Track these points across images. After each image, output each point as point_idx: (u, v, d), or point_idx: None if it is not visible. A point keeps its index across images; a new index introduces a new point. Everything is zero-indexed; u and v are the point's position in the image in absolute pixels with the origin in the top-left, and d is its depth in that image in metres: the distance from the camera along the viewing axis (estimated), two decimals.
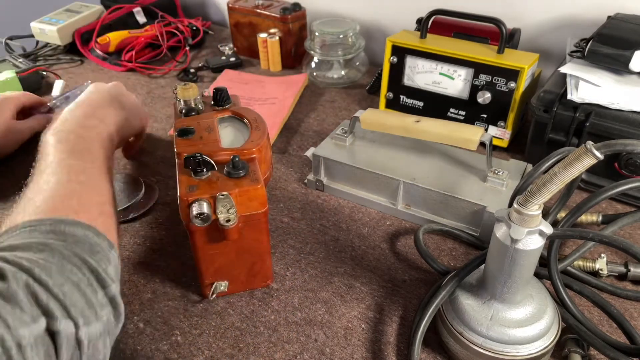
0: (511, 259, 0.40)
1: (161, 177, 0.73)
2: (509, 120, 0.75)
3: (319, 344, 0.49)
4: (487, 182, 0.61)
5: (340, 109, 0.91)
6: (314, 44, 0.96)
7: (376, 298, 0.54)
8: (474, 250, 0.60)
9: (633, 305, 0.52)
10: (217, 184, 0.47)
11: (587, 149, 0.33)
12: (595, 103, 0.63)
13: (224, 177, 0.48)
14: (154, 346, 0.49)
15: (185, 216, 0.46)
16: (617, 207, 0.65)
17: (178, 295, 0.54)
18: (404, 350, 0.48)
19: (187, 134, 0.53)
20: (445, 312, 0.47)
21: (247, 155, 0.51)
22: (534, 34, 0.89)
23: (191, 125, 0.55)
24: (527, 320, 0.43)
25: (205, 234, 0.47)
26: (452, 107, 0.79)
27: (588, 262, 0.55)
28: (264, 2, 1.05)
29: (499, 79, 0.73)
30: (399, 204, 0.64)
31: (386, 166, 0.64)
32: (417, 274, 0.57)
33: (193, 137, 0.53)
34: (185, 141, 0.52)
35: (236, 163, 0.48)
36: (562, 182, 0.35)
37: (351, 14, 1.08)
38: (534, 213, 0.37)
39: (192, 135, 0.53)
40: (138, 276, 0.57)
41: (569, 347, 0.46)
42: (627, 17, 0.69)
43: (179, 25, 1.13)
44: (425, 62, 0.78)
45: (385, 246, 0.61)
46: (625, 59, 0.62)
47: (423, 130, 0.61)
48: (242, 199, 0.46)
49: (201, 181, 0.47)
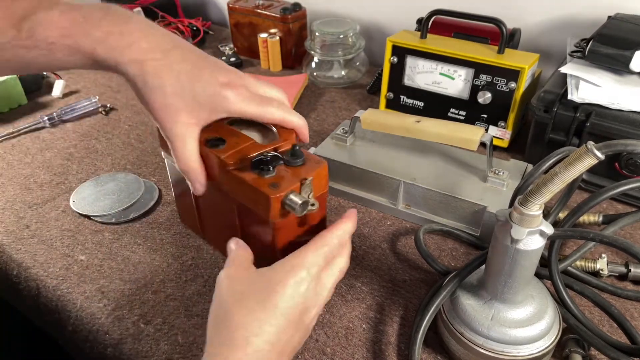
0: (512, 259, 0.40)
1: (161, 177, 0.73)
2: (510, 121, 0.75)
3: (320, 344, 0.49)
4: (488, 182, 0.61)
5: (340, 109, 0.91)
6: (314, 44, 0.96)
7: (377, 298, 0.54)
8: (474, 251, 0.60)
9: (634, 306, 0.52)
10: (290, 174, 0.46)
11: (587, 149, 0.33)
12: (596, 103, 0.63)
13: (289, 168, 0.46)
14: (155, 346, 0.49)
15: (276, 214, 0.44)
16: (617, 207, 0.65)
17: (179, 295, 0.54)
18: (404, 350, 0.48)
19: (219, 144, 0.49)
20: (446, 312, 0.47)
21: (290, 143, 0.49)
22: (534, 34, 0.89)
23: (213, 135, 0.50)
24: (528, 321, 0.43)
25: (286, 227, 0.46)
26: (453, 107, 0.79)
27: (589, 262, 0.55)
28: (264, 2, 1.05)
29: (500, 79, 0.73)
30: (399, 204, 0.64)
31: (386, 166, 0.64)
32: (418, 274, 0.57)
33: (227, 144, 0.49)
34: (223, 150, 0.48)
35: (296, 152, 0.47)
36: (563, 182, 0.35)
37: (351, 14, 1.08)
38: (535, 213, 0.37)
39: (224, 144, 0.49)
40: (139, 276, 0.57)
41: (570, 347, 0.46)
42: (627, 17, 0.69)
43: (179, 26, 1.13)
44: (425, 62, 0.78)
45: (385, 246, 0.61)
46: (625, 59, 0.62)
47: (423, 131, 0.61)
48: (315, 181, 0.46)
49: (273, 177, 0.45)
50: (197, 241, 0.61)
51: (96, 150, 0.80)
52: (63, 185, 0.72)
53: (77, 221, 0.65)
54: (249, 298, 0.39)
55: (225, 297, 0.40)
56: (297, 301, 0.39)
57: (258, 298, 0.38)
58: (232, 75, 0.46)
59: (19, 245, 0.61)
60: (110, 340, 0.50)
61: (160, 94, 0.43)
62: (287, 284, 0.39)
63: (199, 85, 0.43)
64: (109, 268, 0.58)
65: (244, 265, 0.42)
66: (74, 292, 0.55)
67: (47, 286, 0.56)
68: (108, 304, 0.53)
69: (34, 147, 0.81)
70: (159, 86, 0.43)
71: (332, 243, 0.42)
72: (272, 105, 0.48)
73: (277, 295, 0.38)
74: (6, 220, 0.65)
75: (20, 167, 0.76)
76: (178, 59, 0.43)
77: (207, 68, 0.45)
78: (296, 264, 0.40)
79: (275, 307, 0.38)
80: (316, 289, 0.41)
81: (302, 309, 0.39)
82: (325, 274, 0.42)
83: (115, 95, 0.96)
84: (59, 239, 0.62)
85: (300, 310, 0.39)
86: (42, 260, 0.59)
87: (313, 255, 0.41)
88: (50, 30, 0.41)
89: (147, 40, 0.43)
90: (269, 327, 0.37)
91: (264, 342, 0.37)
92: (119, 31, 0.42)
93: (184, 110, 0.44)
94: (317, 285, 0.41)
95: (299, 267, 0.40)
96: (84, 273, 0.57)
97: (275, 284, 0.39)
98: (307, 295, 0.40)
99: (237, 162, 0.46)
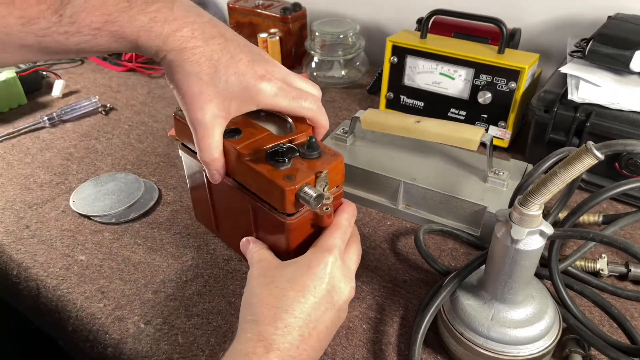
0: (512, 259, 0.40)
1: (161, 177, 0.73)
2: (510, 121, 0.75)
3: None
4: (488, 182, 0.61)
5: (340, 109, 0.91)
6: (314, 44, 0.96)
7: (377, 298, 0.54)
8: (474, 251, 0.60)
9: (634, 306, 0.52)
10: (305, 167, 0.45)
11: (587, 149, 0.33)
12: (596, 103, 0.63)
13: (304, 160, 0.46)
14: (155, 346, 0.49)
15: (291, 206, 0.44)
16: (617, 207, 0.65)
17: (179, 295, 0.54)
18: (404, 350, 0.48)
19: (234, 135, 0.49)
20: (446, 312, 0.47)
21: (306, 135, 0.49)
22: (534, 34, 0.89)
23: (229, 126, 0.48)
24: (528, 321, 0.43)
25: (299, 229, 0.46)
26: (453, 107, 0.79)
27: (589, 262, 0.55)
28: (264, 2, 1.05)
29: (500, 79, 0.73)
30: (399, 204, 0.64)
31: (386, 166, 0.64)
32: (418, 274, 0.57)
33: (243, 135, 0.48)
34: (238, 141, 0.48)
35: (312, 144, 0.46)
36: (563, 182, 0.35)
37: (351, 14, 1.08)
38: (535, 213, 0.37)
39: (240, 134, 0.49)
40: (139, 276, 0.57)
41: (570, 347, 0.46)
42: (627, 17, 0.69)
43: None
44: (425, 62, 0.78)
45: (385, 246, 0.61)
46: (625, 59, 0.62)
47: (423, 131, 0.61)
48: (331, 175, 0.46)
49: (288, 169, 0.45)
50: (197, 241, 0.61)
51: (96, 150, 0.80)
52: (63, 185, 0.72)
53: (77, 221, 0.65)
54: (279, 280, 0.41)
55: (255, 285, 0.42)
56: (325, 280, 0.41)
57: (288, 278, 0.41)
58: (269, 67, 0.46)
59: (18, 245, 0.61)
60: (110, 341, 0.50)
61: (195, 80, 0.42)
62: (315, 265, 0.42)
63: (234, 76, 0.43)
64: (109, 268, 0.58)
65: (271, 258, 0.45)
66: (74, 292, 0.55)
67: (47, 286, 0.56)
68: (108, 304, 0.53)
69: (34, 147, 0.81)
70: (195, 73, 0.42)
71: (344, 225, 0.45)
72: (307, 99, 0.47)
73: (305, 276, 0.41)
74: (6, 220, 0.65)
75: (20, 167, 0.76)
76: (218, 48, 0.43)
77: (245, 59, 0.44)
78: (321, 248, 0.43)
79: (305, 286, 0.40)
80: (342, 270, 0.43)
81: (330, 288, 0.42)
82: (346, 257, 0.45)
83: (115, 95, 0.96)
84: (58, 239, 0.62)
85: (328, 289, 0.41)
86: (42, 261, 0.59)
87: (333, 238, 0.44)
88: (95, 16, 0.39)
89: (190, 27, 0.42)
90: (298, 304, 0.39)
91: (295, 318, 0.39)
92: (163, 18, 0.41)
93: (215, 101, 0.43)
94: (342, 266, 0.43)
95: (324, 250, 0.43)
96: (84, 273, 0.57)
97: (303, 266, 0.42)
98: (334, 275, 0.42)
99: (252, 153, 0.46)
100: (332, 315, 0.42)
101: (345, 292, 0.43)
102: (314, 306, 0.40)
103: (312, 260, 0.42)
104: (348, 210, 0.47)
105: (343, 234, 0.45)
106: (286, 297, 0.40)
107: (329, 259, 0.42)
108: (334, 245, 0.43)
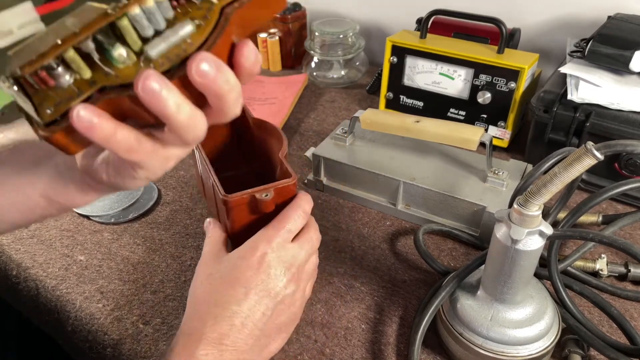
0: (511, 259, 0.40)
1: (161, 177, 0.73)
2: (509, 121, 0.75)
3: (319, 344, 0.49)
4: (487, 182, 0.61)
5: (340, 109, 0.91)
6: (314, 44, 0.96)
7: (376, 298, 0.54)
8: (474, 251, 0.60)
9: (633, 306, 0.52)
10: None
11: (587, 150, 0.33)
12: (596, 103, 0.63)
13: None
14: (154, 346, 0.49)
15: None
16: (617, 208, 0.65)
17: (178, 296, 0.54)
18: (404, 350, 0.48)
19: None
20: (445, 312, 0.47)
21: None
22: (534, 34, 0.89)
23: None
24: (527, 321, 0.43)
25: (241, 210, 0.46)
26: (452, 107, 0.79)
27: (588, 262, 0.55)
28: None
29: (499, 79, 0.73)
30: (399, 204, 0.64)
31: (386, 166, 0.64)
32: (417, 274, 0.57)
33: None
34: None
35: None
36: (562, 183, 0.35)
37: (351, 14, 1.08)
38: (534, 213, 0.37)
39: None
40: (138, 276, 0.57)
41: (569, 347, 0.46)
42: (627, 17, 0.69)
43: None
44: (425, 62, 0.78)
45: (385, 246, 0.61)
46: (625, 59, 0.62)
47: (423, 131, 0.61)
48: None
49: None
50: (196, 241, 0.61)
51: None
52: None
53: (76, 221, 0.65)
54: (214, 274, 0.43)
55: (196, 277, 0.44)
56: (260, 270, 0.42)
57: (222, 272, 0.42)
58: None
59: (18, 245, 0.61)
60: (110, 341, 0.50)
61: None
62: (249, 256, 0.42)
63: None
64: (108, 268, 0.58)
65: (217, 247, 0.46)
66: (73, 292, 0.55)
67: (47, 286, 0.56)
68: (107, 304, 0.53)
69: None
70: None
71: (291, 215, 0.45)
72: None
73: (236, 269, 0.42)
74: None
75: None
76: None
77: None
78: (256, 240, 0.43)
79: (236, 278, 0.41)
80: (281, 258, 0.43)
81: (265, 277, 0.42)
82: (291, 246, 0.44)
83: None
84: (58, 239, 0.62)
85: (262, 278, 0.42)
86: (41, 261, 0.59)
87: (272, 229, 0.44)
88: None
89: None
90: (228, 296, 0.41)
91: (224, 310, 0.40)
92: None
93: None
94: (283, 255, 0.43)
95: (260, 240, 0.43)
96: (83, 273, 0.57)
97: (237, 257, 0.43)
98: (270, 264, 0.42)
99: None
100: (269, 302, 0.42)
101: (282, 279, 0.43)
102: (244, 296, 0.41)
103: (246, 250, 0.43)
104: (299, 203, 0.46)
105: (289, 224, 0.44)
106: (217, 291, 0.41)
107: (263, 249, 0.42)
108: (271, 235, 0.43)
